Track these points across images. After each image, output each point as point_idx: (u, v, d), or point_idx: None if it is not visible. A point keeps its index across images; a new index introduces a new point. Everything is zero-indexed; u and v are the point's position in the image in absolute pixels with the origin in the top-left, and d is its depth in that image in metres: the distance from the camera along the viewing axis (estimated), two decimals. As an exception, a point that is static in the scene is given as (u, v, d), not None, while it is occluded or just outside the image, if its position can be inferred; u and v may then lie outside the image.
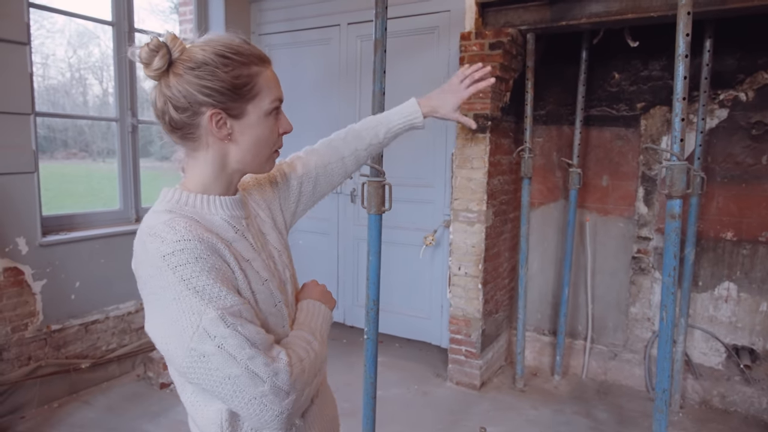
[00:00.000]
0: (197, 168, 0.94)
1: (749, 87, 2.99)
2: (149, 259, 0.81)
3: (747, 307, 3.09)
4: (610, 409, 3.16)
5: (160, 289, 0.80)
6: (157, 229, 0.83)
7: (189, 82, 0.86)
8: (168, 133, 0.93)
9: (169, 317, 0.79)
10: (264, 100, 0.93)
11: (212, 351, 0.78)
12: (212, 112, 0.88)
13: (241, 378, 0.79)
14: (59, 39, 4.17)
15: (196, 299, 0.79)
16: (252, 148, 0.94)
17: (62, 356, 3.10)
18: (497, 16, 3.18)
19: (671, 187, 1.97)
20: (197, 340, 0.78)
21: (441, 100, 1.33)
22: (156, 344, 0.85)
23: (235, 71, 0.89)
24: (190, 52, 0.88)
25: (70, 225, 3.27)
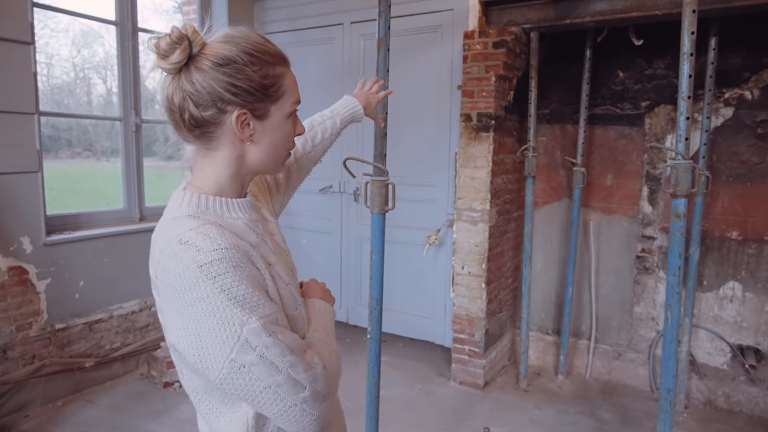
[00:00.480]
0: (211, 168, 0.90)
1: (755, 85, 2.97)
2: (184, 269, 0.76)
3: (752, 306, 3.07)
4: (614, 409, 3.14)
5: (197, 301, 0.76)
6: (189, 236, 0.79)
7: (216, 79, 0.83)
8: (184, 131, 0.88)
9: (206, 329, 0.76)
10: (287, 102, 0.91)
11: (254, 361, 0.77)
12: (240, 112, 0.85)
13: (283, 386, 0.78)
14: (63, 38, 4.18)
15: (237, 309, 0.76)
16: (270, 149, 0.92)
17: (66, 355, 3.11)
18: (501, 14, 3.17)
19: (676, 186, 1.96)
20: (238, 350, 0.76)
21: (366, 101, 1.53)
22: (184, 356, 0.80)
23: (263, 71, 0.86)
24: (214, 48, 0.84)
25: (74, 224, 3.28)
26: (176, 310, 0.79)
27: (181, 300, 0.77)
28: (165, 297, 0.80)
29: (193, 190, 0.90)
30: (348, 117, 1.47)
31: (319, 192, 4.00)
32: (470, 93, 3.18)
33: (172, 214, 0.86)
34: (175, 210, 0.87)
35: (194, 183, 0.91)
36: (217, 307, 0.76)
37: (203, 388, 0.87)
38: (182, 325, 0.78)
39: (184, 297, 0.77)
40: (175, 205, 0.88)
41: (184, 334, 0.78)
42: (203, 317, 0.76)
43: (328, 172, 3.94)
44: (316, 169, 4.65)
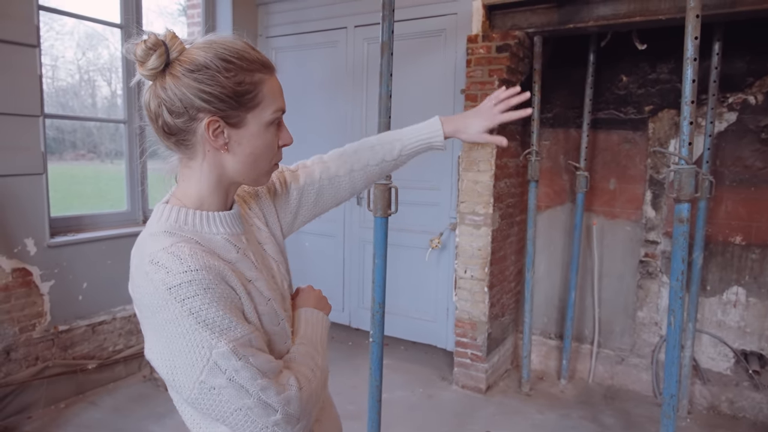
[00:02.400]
0: (192, 179, 0.88)
1: (759, 90, 2.97)
2: (154, 290, 0.76)
3: (756, 311, 3.06)
4: (616, 414, 3.13)
5: (167, 322, 0.76)
6: (159, 257, 0.77)
7: (187, 86, 0.81)
8: (161, 138, 0.87)
9: (177, 350, 0.76)
10: (266, 111, 0.87)
11: (223, 384, 0.76)
12: (210, 119, 0.83)
13: (253, 409, 0.78)
14: (68, 41, 4.20)
15: (206, 333, 0.75)
16: (249, 159, 0.88)
17: (69, 357, 3.11)
18: (504, 18, 3.18)
19: (679, 191, 1.96)
20: (207, 373, 0.76)
21: (466, 122, 1.22)
22: (159, 372, 0.81)
23: (238, 77, 0.83)
24: (190, 54, 0.82)
25: (77, 226, 3.29)
26: (150, 328, 0.79)
27: (153, 319, 0.78)
28: (140, 314, 0.82)
29: (175, 203, 0.88)
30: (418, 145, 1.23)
31: (322, 195, 4.00)
32: (473, 97, 3.19)
33: (150, 229, 0.85)
34: (154, 225, 0.86)
35: (177, 195, 0.90)
36: (186, 329, 0.75)
37: (180, 402, 0.88)
38: (156, 343, 0.79)
39: (156, 317, 0.77)
40: (154, 219, 0.87)
41: (158, 351, 0.79)
42: (173, 338, 0.76)
43: (331, 175, 3.94)
44: (320, 173, 4.52)
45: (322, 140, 3.81)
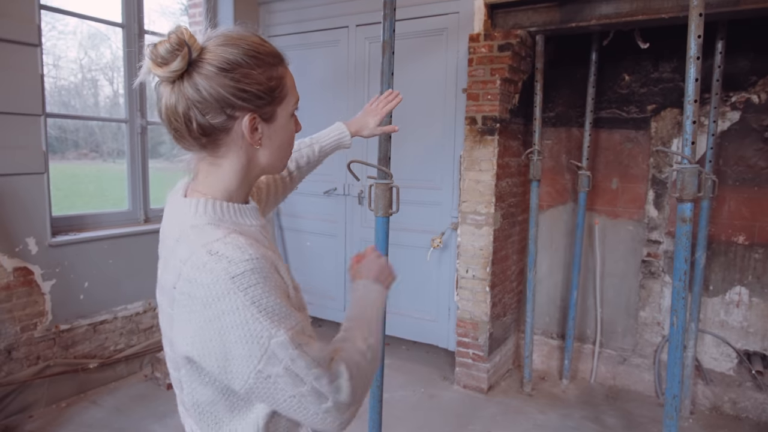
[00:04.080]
0: (219, 174, 0.87)
1: (762, 89, 2.95)
2: (214, 280, 0.74)
3: (759, 312, 3.05)
4: (619, 415, 3.12)
5: (225, 312, 0.74)
6: (217, 247, 0.76)
7: (223, 85, 0.80)
8: (188, 140, 0.84)
9: (234, 340, 0.74)
10: (290, 102, 0.90)
11: (280, 373, 0.76)
12: (251, 117, 0.83)
13: (306, 397, 0.78)
14: (71, 40, 4.20)
15: (267, 322, 0.75)
16: (278, 151, 0.91)
17: (70, 356, 3.11)
18: (506, 17, 3.17)
19: (682, 191, 1.95)
20: (265, 362, 0.75)
21: (364, 121, 1.52)
22: (203, 367, 0.79)
23: (267, 72, 0.84)
24: (216, 52, 0.80)
25: (79, 225, 3.30)
26: (199, 322, 0.76)
27: (207, 311, 0.75)
28: (184, 308, 0.77)
29: (200, 196, 0.86)
30: (330, 145, 1.45)
31: (323, 194, 4.00)
32: (475, 96, 3.18)
33: (189, 222, 0.82)
34: (191, 217, 0.83)
35: (200, 189, 0.88)
36: (246, 318, 0.74)
37: (209, 401, 0.85)
38: (205, 336, 0.76)
39: (211, 308, 0.74)
40: (190, 212, 0.84)
41: (207, 345, 0.76)
42: (231, 328, 0.74)
43: (332, 175, 3.94)
44: (321, 172, 4.63)
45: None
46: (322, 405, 0.79)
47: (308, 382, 0.78)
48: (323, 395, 0.79)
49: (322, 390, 0.79)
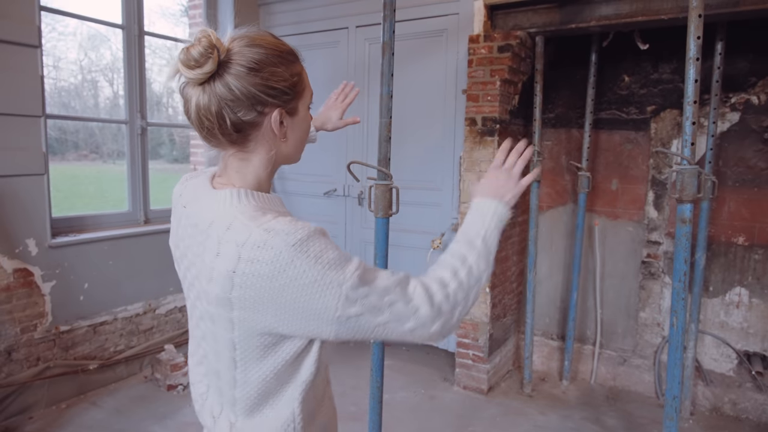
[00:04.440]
0: (249, 168, 0.92)
1: (761, 90, 2.95)
2: (276, 254, 0.79)
3: (759, 312, 3.05)
4: (619, 416, 3.12)
5: (293, 278, 0.79)
6: (273, 224, 0.81)
7: (253, 84, 0.85)
8: (219, 138, 0.88)
9: (309, 299, 0.80)
10: (307, 96, 0.96)
11: (359, 311, 0.82)
12: (279, 112, 0.89)
13: (389, 323, 0.85)
14: (71, 41, 4.20)
15: (333, 272, 0.80)
16: (299, 142, 0.97)
17: (70, 357, 3.11)
18: (506, 18, 3.17)
19: (682, 192, 1.95)
20: (342, 307, 0.81)
21: (327, 116, 1.60)
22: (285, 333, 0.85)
23: (290, 69, 0.90)
24: (243, 52, 0.85)
25: (79, 226, 3.30)
26: (270, 295, 0.81)
27: (274, 284, 0.79)
28: (250, 288, 0.80)
29: (231, 188, 0.90)
30: None
31: (323, 195, 4.00)
32: (475, 97, 3.18)
33: (235, 210, 0.85)
34: (236, 206, 0.86)
35: (230, 183, 0.92)
36: (315, 276, 0.79)
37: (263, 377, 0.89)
38: (281, 305, 0.81)
39: (278, 279, 0.79)
40: (229, 202, 0.87)
41: (285, 311, 0.81)
42: (303, 290, 0.80)
43: (332, 176, 3.94)
44: (321, 172, 4.61)
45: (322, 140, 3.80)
46: (406, 325, 0.86)
47: (386, 310, 0.84)
48: (403, 317, 0.86)
49: (401, 312, 0.86)
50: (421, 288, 0.89)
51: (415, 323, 0.87)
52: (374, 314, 0.84)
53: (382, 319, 0.84)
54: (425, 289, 0.89)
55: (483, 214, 1.03)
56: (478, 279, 0.96)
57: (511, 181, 1.09)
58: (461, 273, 0.94)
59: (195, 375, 1.01)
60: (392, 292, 0.85)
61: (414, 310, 0.87)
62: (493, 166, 1.12)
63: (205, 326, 0.91)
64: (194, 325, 0.97)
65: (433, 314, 0.88)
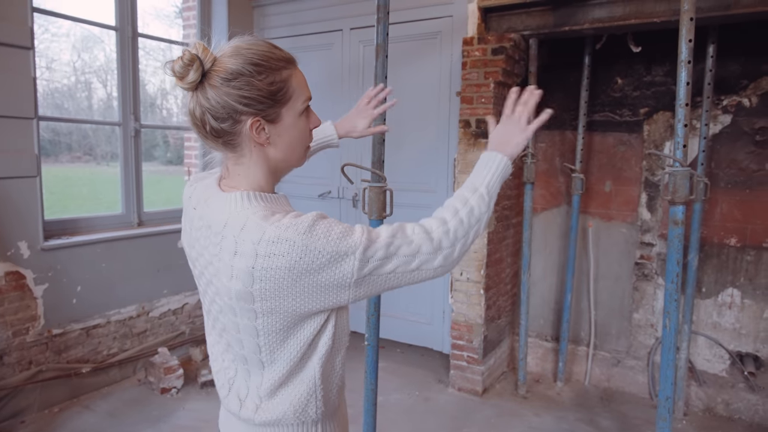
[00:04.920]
0: (246, 173, 0.97)
1: (753, 93, 2.97)
2: (291, 246, 0.85)
3: (751, 313, 3.06)
4: (613, 417, 3.13)
5: (311, 261, 0.86)
6: (282, 221, 0.87)
7: (227, 93, 0.90)
8: (210, 141, 0.96)
9: (327, 277, 0.87)
10: (296, 102, 0.97)
11: (371, 269, 0.90)
12: (252, 120, 0.92)
13: (398, 269, 0.93)
14: (64, 43, 4.18)
15: (344, 243, 0.87)
16: (288, 148, 0.99)
17: (63, 361, 3.10)
18: (500, 21, 3.18)
19: (674, 194, 1.96)
20: (358, 271, 0.89)
21: (353, 123, 1.56)
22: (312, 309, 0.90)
23: (269, 78, 0.92)
24: (223, 63, 0.90)
25: (72, 229, 3.28)
26: (290, 282, 0.87)
27: (294, 271, 0.86)
28: (270, 281, 0.87)
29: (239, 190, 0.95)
30: (317, 146, 1.52)
31: (317, 197, 4.00)
32: (469, 99, 3.19)
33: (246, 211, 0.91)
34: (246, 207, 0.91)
35: (234, 185, 0.97)
36: (331, 253, 0.86)
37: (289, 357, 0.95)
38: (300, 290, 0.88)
39: (297, 267, 0.86)
40: (239, 204, 0.92)
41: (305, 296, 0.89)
42: (322, 269, 0.87)
43: (326, 178, 3.94)
44: (315, 174, 4.61)
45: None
46: (412, 265, 0.94)
47: (393, 258, 0.92)
48: (408, 258, 0.94)
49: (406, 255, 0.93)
50: (419, 228, 0.97)
51: (420, 261, 0.95)
52: (384, 265, 0.91)
53: (392, 266, 0.92)
54: (423, 229, 0.97)
55: (488, 166, 1.12)
56: (479, 219, 1.04)
57: (518, 128, 1.16)
58: (462, 212, 1.03)
59: (222, 362, 1.05)
60: (396, 239, 0.93)
61: (416, 249, 0.94)
62: (504, 115, 1.18)
63: (225, 318, 0.96)
64: (214, 318, 1.02)
65: (434, 249, 0.96)
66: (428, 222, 1.01)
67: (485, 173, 1.11)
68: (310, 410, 0.99)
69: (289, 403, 0.97)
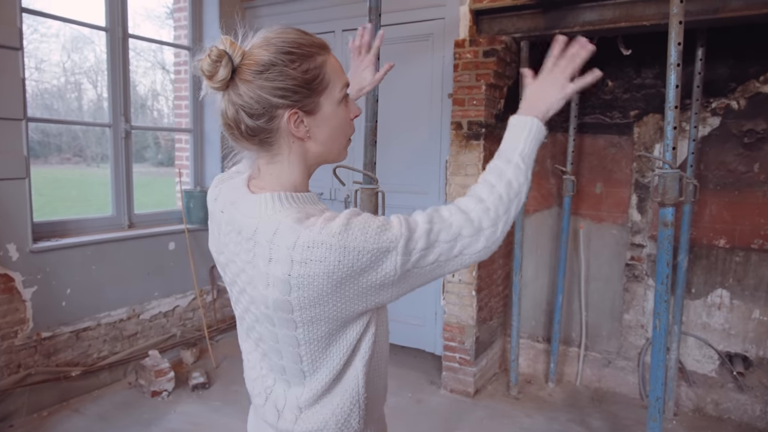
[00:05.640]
0: (282, 171, 0.91)
1: (741, 95, 3.01)
2: (328, 249, 0.79)
3: (740, 314, 3.09)
4: (604, 417, 3.15)
5: (352, 264, 0.80)
6: (315, 225, 0.81)
7: (260, 87, 0.84)
8: (244, 142, 0.89)
9: (369, 278, 0.82)
10: (334, 90, 0.91)
11: (414, 262, 0.84)
12: (290, 113, 0.86)
13: (440, 257, 0.87)
14: (54, 43, 4.15)
15: (384, 238, 0.81)
16: (329, 140, 0.93)
17: (52, 364, 3.07)
18: (491, 23, 3.19)
19: (664, 195, 1.98)
20: (401, 266, 0.83)
21: (359, 79, 1.42)
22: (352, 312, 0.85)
23: (303, 65, 0.86)
24: (253, 55, 0.85)
25: (62, 231, 3.25)
26: (329, 290, 0.81)
27: (334, 277, 0.80)
28: (307, 288, 0.81)
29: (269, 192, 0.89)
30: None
31: (310, 199, 3.99)
32: (461, 101, 3.20)
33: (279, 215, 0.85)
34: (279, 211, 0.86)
35: (266, 186, 0.91)
36: (371, 252, 0.80)
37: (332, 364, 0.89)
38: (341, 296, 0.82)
39: (337, 272, 0.80)
40: (270, 206, 0.87)
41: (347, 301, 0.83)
42: (363, 270, 0.81)
43: (319, 180, 3.93)
44: (307, 177, 4.48)
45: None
46: (454, 251, 0.88)
47: (435, 247, 0.86)
48: (451, 245, 0.87)
49: (448, 241, 0.87)
50: (456, 209, 0.91)
51: (462, 245, 0.88)
52: (426, 255, 0.85)
53: (434, 256, 0.86)
54: (460, 210, 0.91)
55: (520, 132, 1.01)
56: (518, 192, 0.95)
57: (557, 85, 1.06)
58: (499, 187, 0.94)
59: (260, 369, 1.00)
60: (435, 224, 0.87)
61: (457, 233, 0.88)
62: (545, 69, 1.07)
63: (262, 328, 0.91)
64: (249, 326, 0.97)
65: (475, 230, 0.89)
66: (464, 201, 0.93)
67: (517, 140, 1.00)
68: (353, 420, 0.93)
69: (332, 413, 0.91)
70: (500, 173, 0.96)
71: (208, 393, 3.31)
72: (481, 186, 0.96)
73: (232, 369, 3.61)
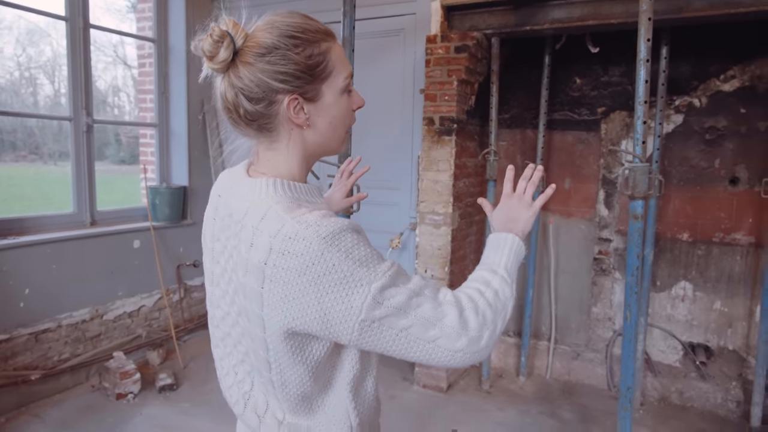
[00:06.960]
0: (279, 159, 0.89)
1: (702, 93, 3.10)
2: (307, 246, 0.75)
3: (702, 305, 3.19)
4: (574, 409, 3.20)
5: (324, 272, 0.75)
6: (304, 218, 0.78)
7: (262, 70, 0.81)
8: (243, 126, 0.87)
9: (335, 297, 0.76)
10: (338, 78, 0.88)
11: (382, 314, 0.78)
12: (290, 98, 0.84)
13: (411, 328, 0.79)
14: (7, 36, 3.97)
15: (363, 270, 0.77)
16: (329, 129, 0.90)
17: (10, 368, 2.93)
18: (463, 19, 3.21)
19: (634, 188, 2.02)
20: (367, 310, 0.77)
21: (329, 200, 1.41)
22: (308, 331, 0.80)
23: (306, 51, 0.84)
24: (256, 38, 0.83)
25: (19, 229, 3.11)
26: (297, 290, 0.77)
27: (303, 278, 0.76)
28: (279, 281, 0.77)
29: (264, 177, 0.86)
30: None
31: (280, 196, 3.94)
32: (433, 97, 3.20)
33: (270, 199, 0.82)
34: (271, 196, 0.83)
35: (263, 171, 0.89)
36: (344, 273, 0.76)
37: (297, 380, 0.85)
38: (306, 302, 0.77)
39: (307, 274, 0.76)
40: (264, 191, 0.84)
41: (308, 310, 0.77)
42: (330, 287, 0.76)
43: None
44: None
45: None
46: (430, 332, 0.80)
47: (411, 313, 0.79)
48: (428, 321, 0.80)
49: (427, 316, 0.80)
50: (452, 296, 0.85)
51: (440, 331, 0.80)
52: (398, 316, 0.78)
53: (406, 323, 0.79)
54: (456, 299, 0.85)
55: (501, 248, 1.00)
56: (505, 304, 0.91)
57: (524, 206, 1.06)
58: (487, 294, 0.89)
59: (235, 375, 0.95)
60: (422, 294, 0.81)
61: (441, 316, 0.81)
62: (504, 194, 1.08)
63: (243, 323, 0.87)
64: (233, 321, 0.91)
65: (460, 326, 0.82)
66: (458, 294, 0.87)
67: (501, 253, 0.98)
68: None
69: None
70: (487, 282, 0.93)
71: (176, 394, 3.22)
72: (470, 290, 0.90)
73: (201, 369, 3.53)
